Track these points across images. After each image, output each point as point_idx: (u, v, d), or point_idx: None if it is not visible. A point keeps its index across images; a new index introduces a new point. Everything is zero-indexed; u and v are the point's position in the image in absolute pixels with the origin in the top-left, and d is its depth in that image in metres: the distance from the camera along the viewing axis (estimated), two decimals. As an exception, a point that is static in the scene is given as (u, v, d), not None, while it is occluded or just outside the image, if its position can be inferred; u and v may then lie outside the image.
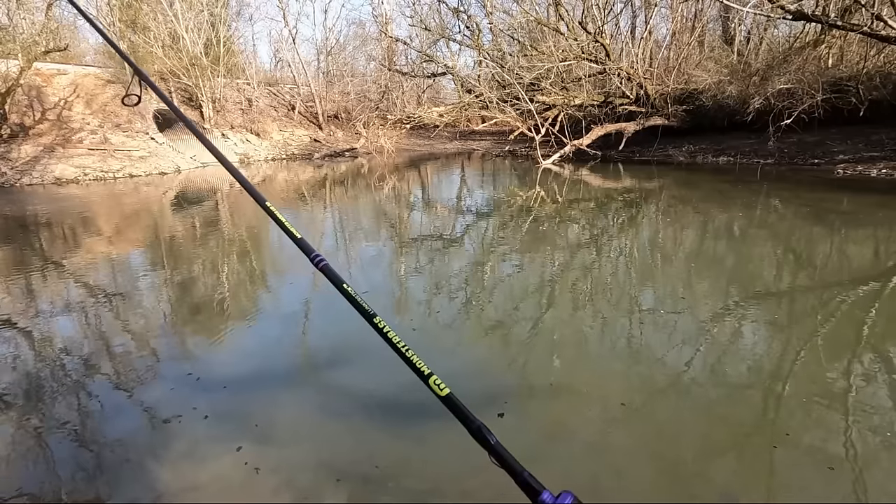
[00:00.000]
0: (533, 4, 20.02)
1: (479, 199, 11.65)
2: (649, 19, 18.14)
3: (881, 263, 5.50)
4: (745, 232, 6.98)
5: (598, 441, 2.53)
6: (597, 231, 7.40)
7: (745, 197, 9.29)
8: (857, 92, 12.32)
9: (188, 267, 6.07)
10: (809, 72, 13.31)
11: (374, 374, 3.27)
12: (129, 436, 2.68)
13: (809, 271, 5.32)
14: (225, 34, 24.68)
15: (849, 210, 8.11)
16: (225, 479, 2.34)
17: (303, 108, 26.73)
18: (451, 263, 5.94)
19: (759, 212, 8.10)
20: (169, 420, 2.79)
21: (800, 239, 6.67)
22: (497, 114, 18.45)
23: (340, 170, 18.05)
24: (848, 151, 12.27)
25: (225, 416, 2.82)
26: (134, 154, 17.53)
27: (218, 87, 22.66)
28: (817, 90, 12.44)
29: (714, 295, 4.54)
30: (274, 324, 4.30)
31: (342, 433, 2.65)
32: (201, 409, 2.88)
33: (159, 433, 2.69)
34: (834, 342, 3.53)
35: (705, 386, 3.06)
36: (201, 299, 4.88)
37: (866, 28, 11.01)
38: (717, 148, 15.04)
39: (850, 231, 6.87)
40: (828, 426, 2.58)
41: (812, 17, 11.93)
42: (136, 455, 2.51)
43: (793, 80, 13.05)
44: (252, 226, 8.70)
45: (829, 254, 5.94)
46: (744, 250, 6.15)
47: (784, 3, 11.41)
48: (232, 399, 3.02)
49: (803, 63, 13.79)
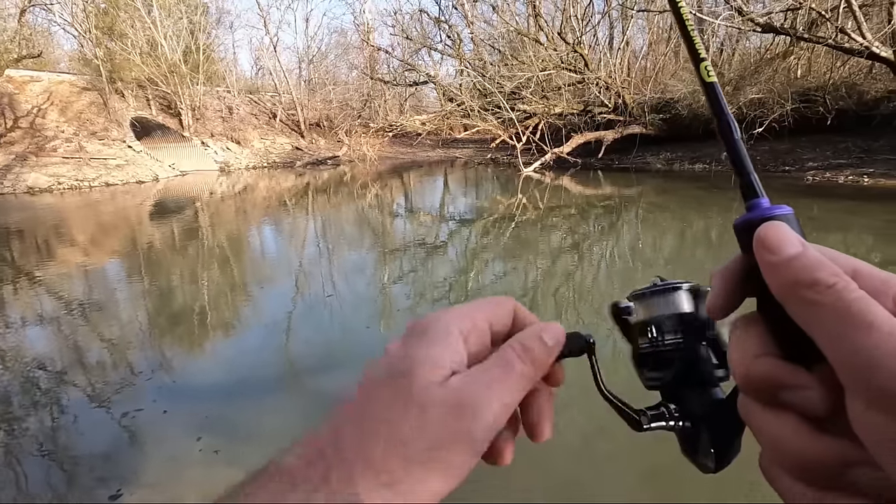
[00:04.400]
0: (513, 15, 20.37)
1: (462, 207, 11.72)
2: (626, 30, 18.60)
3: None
4: (722, 238, 7.16)
5: (582, 446, 2.56)
6: (578, 237, 7.51)
7: (721, 203, 9.54)
8: (824, 101, 12.78)
9: (167, 277, 5.97)
10: (779, 82, 13.78)
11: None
12: (104, 451, 2.62)
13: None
14: (204, 42, 24.47)
15: (819, 216, 8.39)
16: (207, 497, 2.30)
17: (284, 116, 26.58)
18: (434, 270, 5.96)
19: (734, 217, 8.30)
20: (149, 432, 2.74)
21: (773, 244, 6.86)
22: (479, 122, 18.63)
23: (323, 178, 17.98)
24: (817, 159, 12.70)
25: (208, 425, 2.77)
26: (110, 162, 17.19)
27: (197, 95, 22.41)
28: (787, 100, 12.88)
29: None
30: (256, 332, 4.26)
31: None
32: (178, 419, 2.83)
33: (138, 447, 2.64)
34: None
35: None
36: (181, 309, 4.80)
37: (831, 41, 11.46)
38: (693, 155, 15.42)
39: (821, 236, 7.10)
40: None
41: (780, 30, 12.38)
42: (110, 471, 2.45)
43: (764, 89, 13.49)
44: (232, 235, 8.61)
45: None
46: (721, 255, 6.31)
47: (754, 16, 11.83)
48: (215, 409, 2.98)
49: (773, 74, 14.27)
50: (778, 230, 0.27)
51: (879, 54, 10.63)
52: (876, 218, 7.72)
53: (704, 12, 13.75)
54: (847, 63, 13.55)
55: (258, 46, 31.94)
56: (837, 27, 10.86)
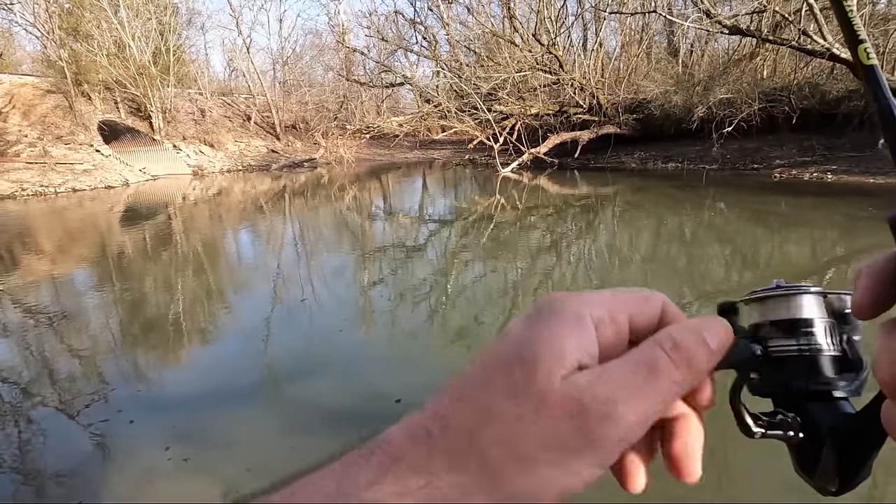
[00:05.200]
0: (488, 17, 20.50)
1: (441, 208, 11.72)
2: (599, 32, 18.89)
3: (817, 261, 5.91)
4: (695, 234, 7.33)
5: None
6: (556, 236, 7.59)
7: (694, 201, 9.77)
8: (789, 101, 13.22)
9: (139, 284, 5.81)
10: (746, 82, 14.18)
11: (339, 384, 3.23)
12: (68, 464, 2.53)
13: (754, 270, 5.65)
14: (175, 43, 23.92)
15: (786, 212, 8.67)
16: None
17: (259, 119, 26.17)
18: (414, 272, 5.94)
19: (707, 215, 8.54)
20: (115, 443, 2.66)
21: (744, 240, 7.07)
22: (456, 123, 18.67)
23: (300, 180, 17.76)
24: (783, 157, 13.12)
25: (183, 437, 2.70)
26: (77, 167, 16.65)
27: (168, 98, 21.88)
28: (754, 99, 13.27)
29: (668, 295, 4.73)
30: (229, 339, 4.17)
31: (308, 449, 2.60)
32: (146, 428, 2.75)
33: (104, 459, 2.56)
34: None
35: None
36: (151, 317, 4.68)
37: (795, 43, 11.86)
38: (666, 154, 15.75)
39: (789, 231, 7.34)
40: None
41: (747, 32, 12.76)
42: (74, 484, 2.37)
43: (732, 90, 13.87)
44: (207, 240, 8.43)
45: (770, 253, 6.33)
46: (694, 252, 6.46)
47: (721, 18, 12.16)
48: (190, 420, 2.90)
49: (741, 74, 14.69)
50: None
51: (839, 56, 11.05)
52: (839, 213, 8.01)
53: (675, 14, 14.06)
54: (810, 64, 14.05)
55: (231, 48, 31.35)
56: (800, 30, 11.25)
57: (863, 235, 6.68)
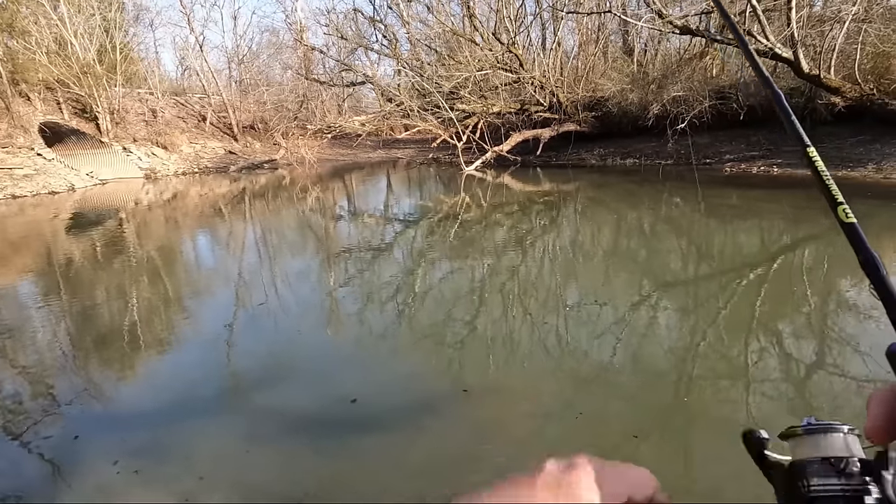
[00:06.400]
0: (448, 15, 20.50)
1: (406, 207, 11.66)
2: (557, 31, 19.22)
3: (766, 249, 6.21)
4: (654, 227, 7.58)
5: (530, 437, 2.61)
6: (521, 233, 7.68)
7: (651, 195, 10.09)
8: (736, 98, 13.84)
9: (89, 295, 5.51)
10: (697, 80, 14.76)
11: (304, 391, 3.16)
12: (15, 488, 2.37)
13: (709, 261, 5.89)
14: (121, 40, 22.80)
15: (737, 204, 9.07)
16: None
17: (215, 119, 25.30)
18: (381, 273, 5.89)
19: (664, 209, 8.83)
20: (66, 463, 2.51)
21: (699, 232, 7.36)
22: (419, 122, 18.61)
23: (260, 182, 17.29)
24: (733, 152, 13.74)
25: (134, 450, 2.58)
26: (16, 172, 15.64)
27: (116, 97, 20.84)
28: (705, 97, 13.83)
29: (630, 288, 4.88)
30: (185, 348, 4.01)
31: (264, 454, 2.53)
32: (110, 451, 2.61)
33: (58, 478, 2.41)
34: (733, 323, 3.93)
35: (627, 373, 3.27)
36: (105, 328, 4.44)
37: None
38: (624, 151, 16.20)
39: (740, 222, 7.69)
40: (734, 400, 2.86)
41: (696, 31, 13.27)
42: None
43: (684, 87, 14.40)
44: (163, 246, 8.09)
45: (724, 244, 6.61)
46: (653, 244, 6.68)
47: (672, 19, 12.61)
48: (148, 436, 2.77)
49: (692, 73, 15.28)
50: None
51: (781, 55, 11.65)
52: (784, 204, 8.46)
53: (629, 14, 14.47)
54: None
55: (183, 45, 30.15)
56: (745, 30, 11.78)
57: (806, 225, 7.08)
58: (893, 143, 11.08)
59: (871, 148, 11.27)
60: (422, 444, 2.55)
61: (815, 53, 11.98)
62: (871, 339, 3.44)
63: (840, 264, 5.23)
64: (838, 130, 12.30)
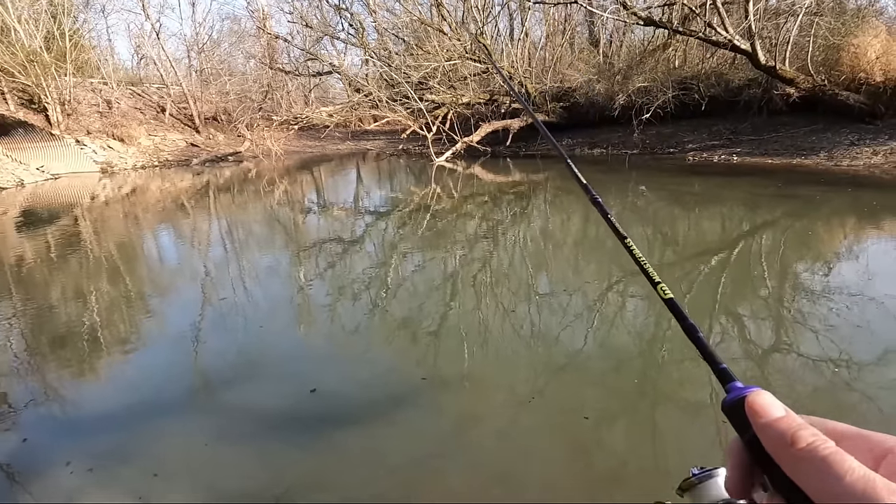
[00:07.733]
0: (416, 4, 20.24)
1: (377, 199, 11.55)
2: (525, 22, 19.27)
3: (727, 235, 6.44)
4: (620, 216, 7.73)
5: (506, 426, 2.65)
6: (492, 223, 7.73)
7: (618, 184, 10.30)
8: (698, 89, 14.23)
9: (43, 295, 5.25)
10: (661, 71, 15.09)
11: (275, 387, 3.11)
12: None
13: (674, 247, 6.06)
14: (70, 26, 21.60)
15: (700, 192, 9.36)
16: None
17: (175, 110, 24.34)
18: (351, 266, 5.82)
19: (630, 197, 9.03)
20: (17, 465, 2.40)
21: (664, 219, 7.57)
22: (388, 113, 18.40)
23: (224, 175, 16.78)
24: (696, 141, 14.15)
25: (87, 450, 2.49)
26: (-42, 167, 14.70)
27: (67, 87, 19.78)
28: (668, 88, 14.16)
29: (599, 276, 4.98)
30: (153, 347, 3.88)
31: (246, 456, 2.48)
32: (64, 452, 2.51)
33: (7, 482, 2.30)
34: (697, 308, 4.07)
35: (597, 360, 3.35)
36: (59, 329, 4.25)
37: (701, 34, 12.76)
38: (591, 141, 16.46)
39: (702, 209, 7.94)
40: (700, 383, 2.97)
41: (659, 23, 13.55)
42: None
43: (648, 78, 14.70)
44: (122, 243, 7.77)
45: (687, 230, 6.82)
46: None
47: (636, 10, 12.83)
48: (113, 441, 2.68)
49: (656, 64, 15.60)
50: (764, 397, 0.31)
51: (740, 47, 12.02)
52: (743, 191, 8.78)
53: (594, 5, 14.62)
54: (715, 54, 15.17)
55: (138, 33, 28.75)
56: (706, 22, 12.10)
57: (763, 210, 7.37)
58: (843, 133, 11.63)
59: (823, 137, 11.80)
60: (394, 436, 2.55)
61: (770, 46, 12.41)
62: (825, 319, 3.63)
63: (794, 248, 5.48)
64: (793, 120, 12.82)
